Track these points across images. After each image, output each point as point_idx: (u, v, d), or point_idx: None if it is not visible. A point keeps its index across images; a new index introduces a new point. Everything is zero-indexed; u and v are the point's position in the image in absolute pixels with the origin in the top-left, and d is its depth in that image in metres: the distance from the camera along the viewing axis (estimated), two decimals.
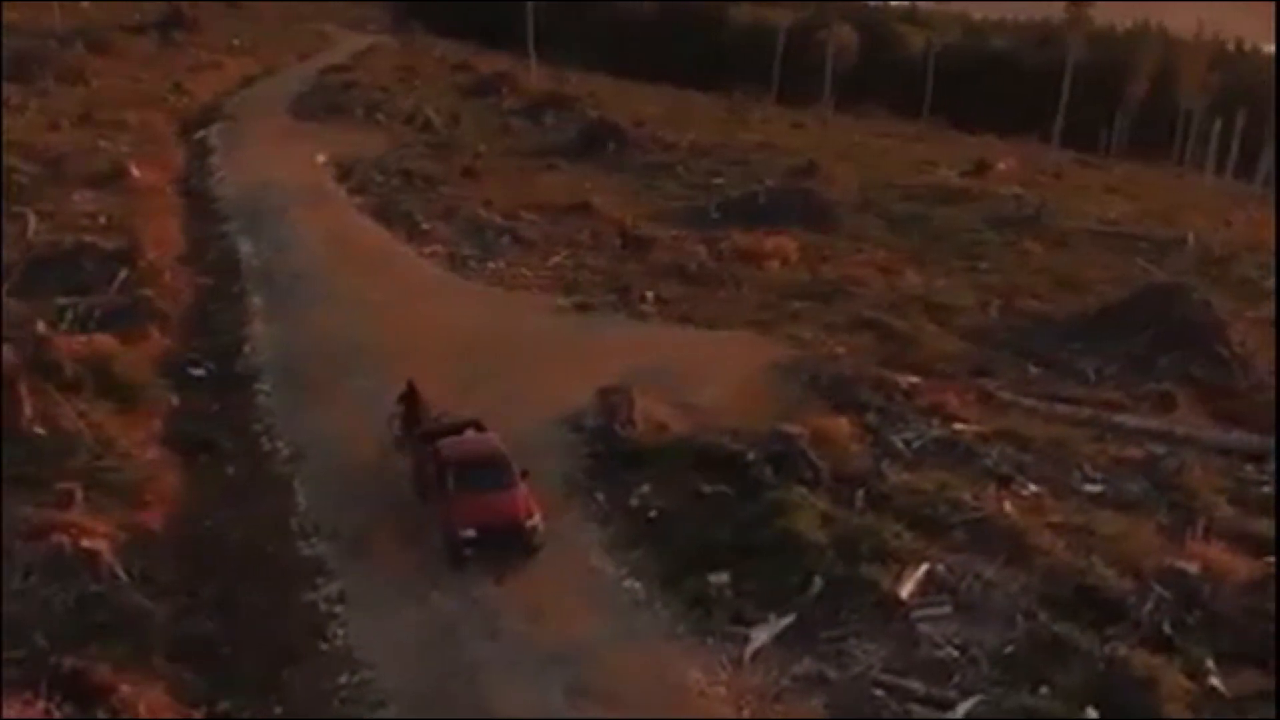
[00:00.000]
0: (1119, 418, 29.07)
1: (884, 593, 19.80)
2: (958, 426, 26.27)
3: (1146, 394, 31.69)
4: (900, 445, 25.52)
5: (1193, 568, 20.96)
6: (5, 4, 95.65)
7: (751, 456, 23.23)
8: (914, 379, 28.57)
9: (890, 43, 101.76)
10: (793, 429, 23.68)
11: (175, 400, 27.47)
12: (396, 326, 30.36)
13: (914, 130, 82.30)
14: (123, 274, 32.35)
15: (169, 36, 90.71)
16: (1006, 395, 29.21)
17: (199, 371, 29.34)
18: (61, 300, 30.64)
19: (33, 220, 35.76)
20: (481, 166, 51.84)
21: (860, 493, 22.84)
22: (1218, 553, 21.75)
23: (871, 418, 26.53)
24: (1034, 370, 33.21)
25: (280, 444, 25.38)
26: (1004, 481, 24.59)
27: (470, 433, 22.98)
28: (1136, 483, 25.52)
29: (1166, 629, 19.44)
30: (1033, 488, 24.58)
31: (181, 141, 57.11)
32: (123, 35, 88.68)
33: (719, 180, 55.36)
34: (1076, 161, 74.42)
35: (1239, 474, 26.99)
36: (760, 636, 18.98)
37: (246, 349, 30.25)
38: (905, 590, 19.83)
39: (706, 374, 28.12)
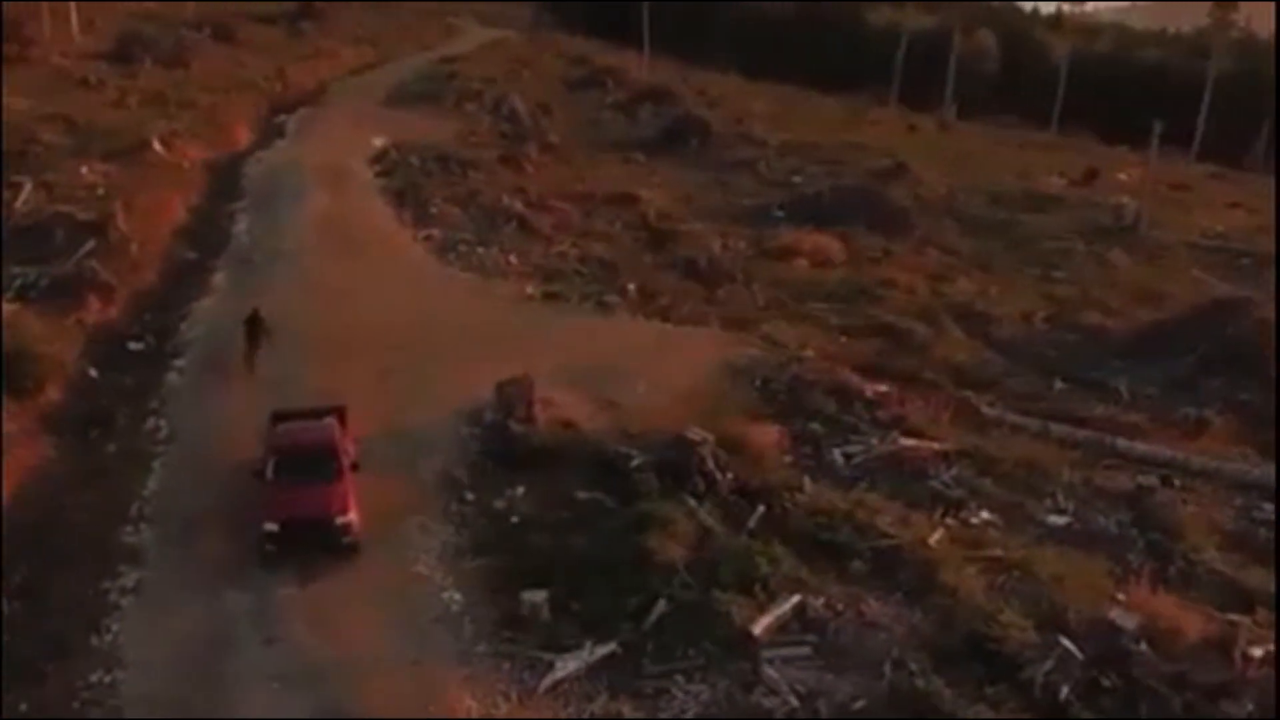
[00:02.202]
0: (1124, 443, 25.45)
1: (735, 626, 16.92)
2: (905, 442, 23.04)
3: (1181, 419, 28.22)
4: (839, 460, 22.52)
5: (1129, 622, 17.51)
6: None
7: (637, 462, 20.52)
8: (882, 388, 25.42)
9: (1032, 50, 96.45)
10: (696, 435, 20.88)
11: (94, 374, 26.01)
12: (344, 311, 28.74)
13: (1043, 139, 77.56)
14: (88, 245, 31.14)
15: (297, 27, 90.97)
16: (992, 411, 25.83)
17: (137, 345, 28.05)
18: (15, 269, 29.52)
19: (27, 189, 34.95)
20: (537, 156, 49.68)
21: (760, 510, 19.92)
22: (1169, 605, 18.32)
23: (817, 427, 23.59)
24: (1058, 386, 29.92)
25: (162, 423, 23.61)
26: (951, 507, 21.45)
27: (329, 420, 20.87)
28: (1114, 517, 22.08)
29: (1064, 694, 16.12)
30: (984, 515, 21.45)
31: (261, 124, 56.21)
32: (252, 25, 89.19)
33: (797, 179, 52.67)
34: (1212, 175, 69.02)
35: (1252, 514, 23.35)
36: (567, 666, 16.39)
37: (183, 326, 28.61)
38: (760, 625, 16.94)
39: (648, 372, 25.60)
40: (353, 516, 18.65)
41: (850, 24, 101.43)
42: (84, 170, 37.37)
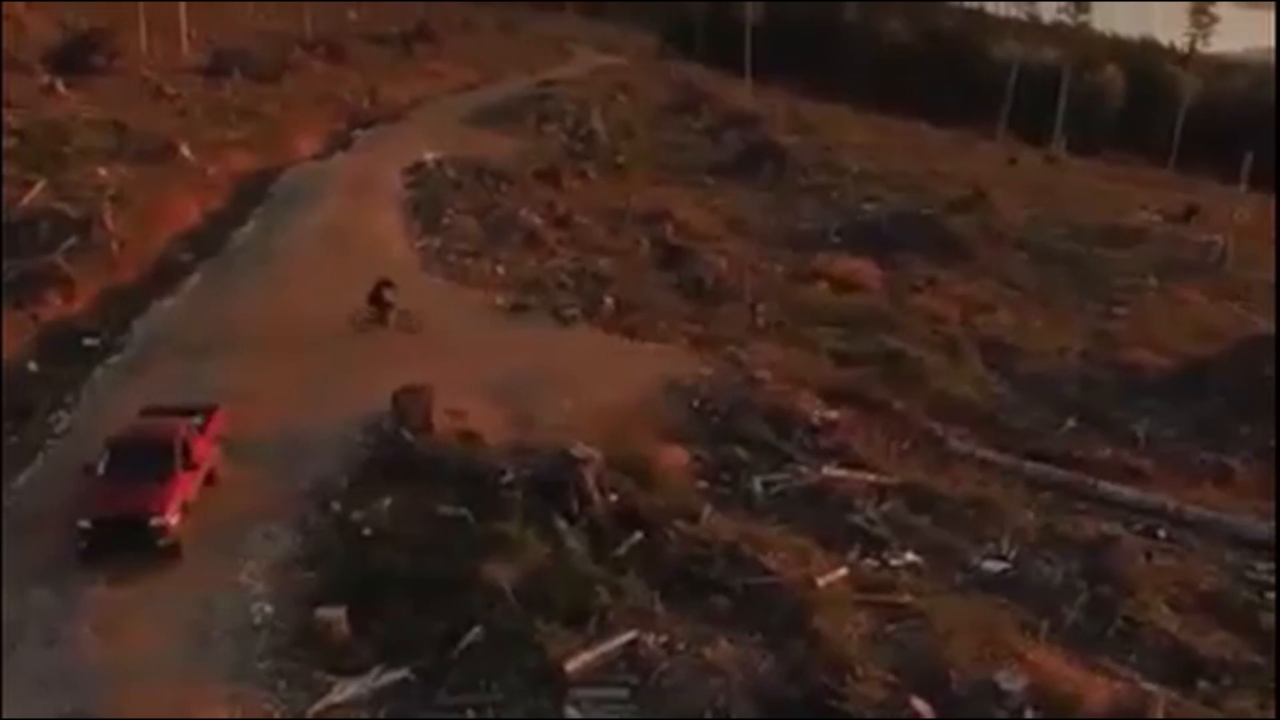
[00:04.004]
0: (1109, 487, 22.91)
1: (548, 660, 15.11)
2: (832, 472, 20.90)
3: (1197, 465, 25.51)
4: (757, 489, 20.52)
5: (1015, 685, 15.23)
6: (260, 11, 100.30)
7: (509, 479, 18.86)
8: (831, 415, 23.28)
9: (1159, 86, 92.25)
10: (581, 453, 19.10)
11: (33, 368, 25.42)
12: (300, 312, 27.86)
13: (1155, 176, 73.76)
14: (69, 241, 30.74)
15: (410, 48, 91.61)
16: (961, 445, 23.49)
17: (92, 341, 27.37)
18: None
19: (37, 188, 34.80)
20: (594, 175, 48.69)
21: (636, 537, 18.07)
22: (1074, 670, 16.00)
23: (741, 453, 21.59)
24: (1069, 425, 27.33)
25: (65, 416, 22.81)
26: (871, 545, 19.30)
27: (179, 421, 19.68)
28: (1062, 567, 19.57)
29: None
30: (908, 557, 19.23)
31: (332, 137, 56.20)
32: (365, 44, 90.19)
33: (868, 206, 50.38)
34: None
35: (1243, 573, 20.67)
36: (346, 690, 14.74)
37: (135, 324, 27.87)
38: (577, 661, 15.10)
39: (585, 387, 23.97)
40: (170, 518, 17.37)
41: (973, 56, 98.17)
42: (102, 172, 37.10)
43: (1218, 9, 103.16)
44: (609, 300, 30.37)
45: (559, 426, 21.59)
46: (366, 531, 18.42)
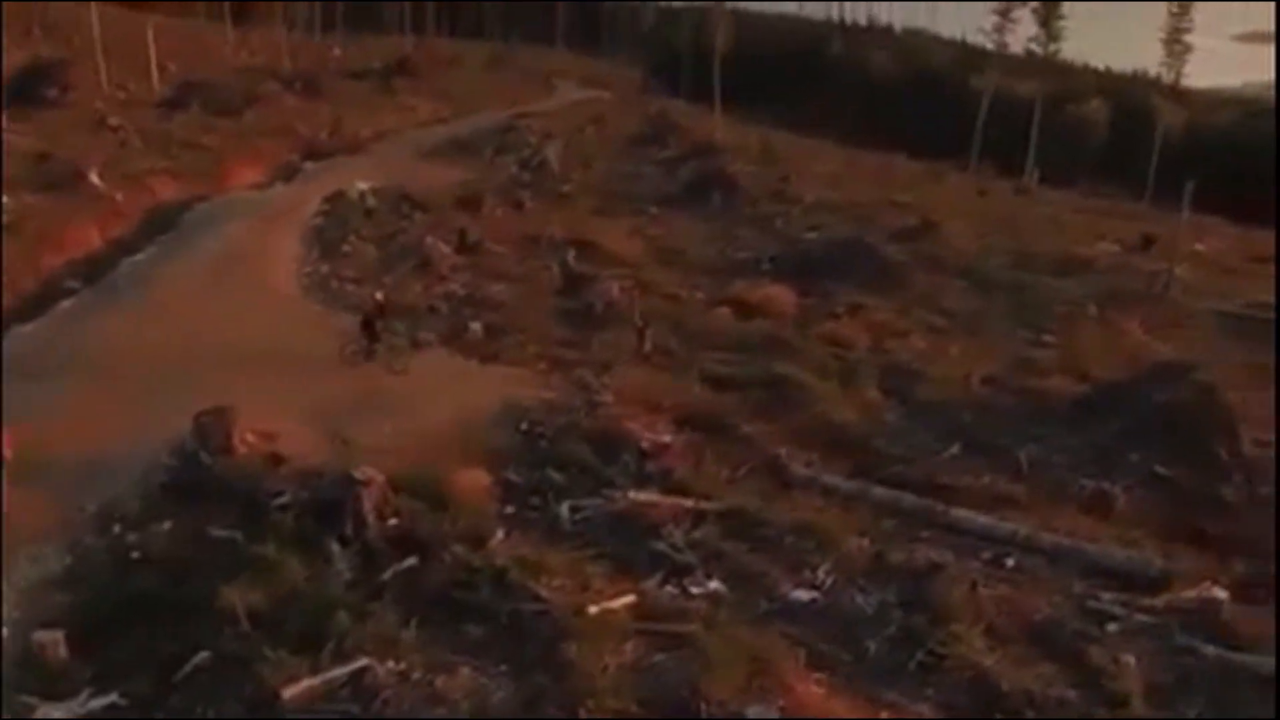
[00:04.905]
0: (961, 513, 21.91)
1: (267, 686, 14.22)
2: (641, 497, 19.97)
3: (1077, 492, 24.50)
4: (565, 514, 19.60)
5: (767, 715, 14.24)
6: (243, 47, 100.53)
7: (282, 501, 18.03)
8: (665, 439, 22.35)
9: (1144, 119, 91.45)
10: (364, 475, 18.25)
11: None
12: (155, 335, 27.24)
13: (1131, 209, 72.71)
14: None
15: (389, 83, 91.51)
16: (805, 471, 22.53)
17: None
18: None
19: None
20: (519, 206, 48.08)
21: (410, 561, 17.18)
22: (847, 704, 15.06)
23: (556, 476, 20.70)
24: (950, 452, 26.27)
25: None
26: (677, 573, 18.34)
27: None
28: (879, 596, 18.56)
29: None
30: (711, 585, 18.22)
31: (279, 169, 55.84)
32: (342, 79, 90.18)
33: (811, 234, 49.57)
34: None
35: (1086, 603, 19.59)
36: (51, 715, 13.89)
37: None
38: (296, 688, 14.22)
39: (415, 410, 23.27)
40: None
41: (958, 89, 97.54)
42: (4, 198, 36.60)
43: (1215, 44, 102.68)
44: (476, 325, 29.55)
45: (374, 449, 20.73)
46: (135, 555, 17.61)
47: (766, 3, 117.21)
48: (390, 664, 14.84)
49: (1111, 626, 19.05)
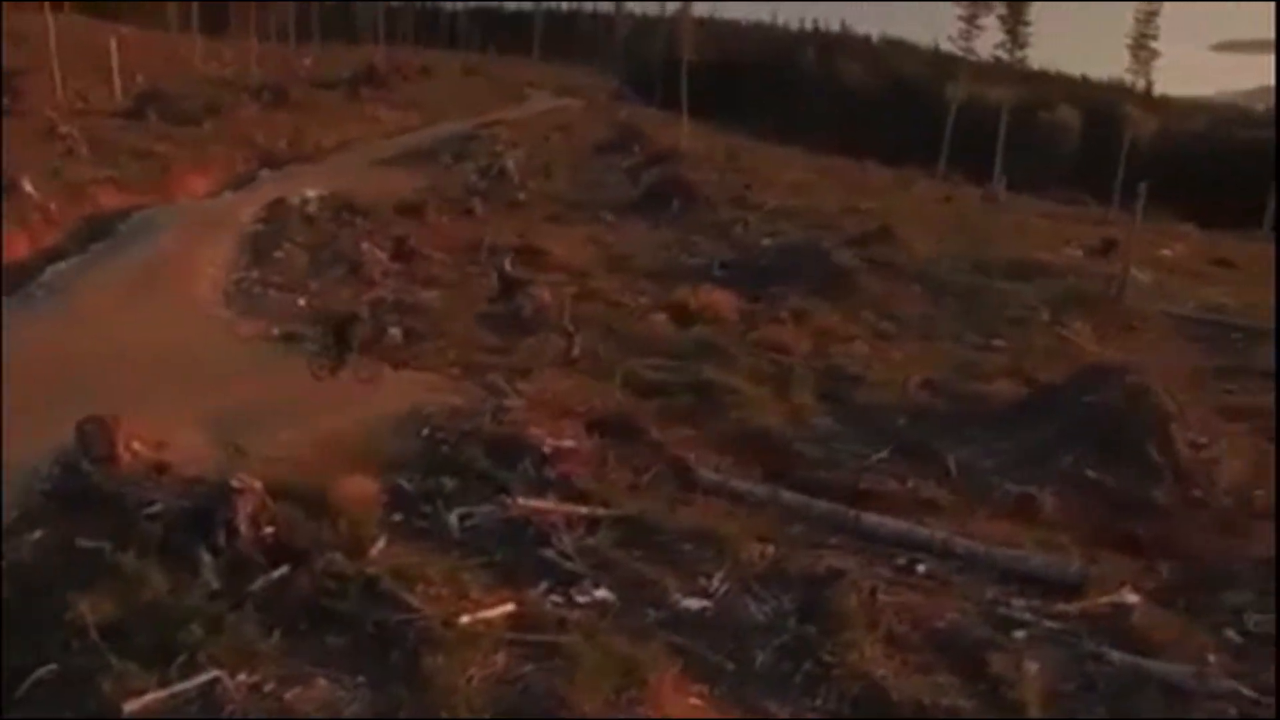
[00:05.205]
0: (873, 518, 21.29)
1: (106, 701, 13.58)
2: (531, 504, 19.34)
3: (1001, 496, 23.89)
4: (454, 521, 18.98)
5: None
6: (213, 57, 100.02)
7: (154, 510, 17.42)
8: (568, 444, 21.72)
9: (1117, 127, 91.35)
10: (241, 483, 17.59)
11: None
12: (67, 343, 26.76)
13: (1098, 214, 72.41)
14: None
15: (357, 93, 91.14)
16: (712, 476, 21.91)
17: None
18: None
19: None
20: (469, 213, 47.56)
21: (282, 571, 16.54)
22: (722, 713, 14.39)
23: (448, 483, 20.08)
24: (877, 456, 25.65)
25: None
26: (565, 581, 17.73)
27: None
28: (773, 604, 17.93)
29: None
30: (598, 594, 17.59)
31: (233, 179, 55.39)
32: (312, 90, 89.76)
33: (767, 241, 49.02)
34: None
35: (996, 609, 18.94)
36: None
37: None
38: (139, 702, 13.58)
39: (315, 416, 22.64)
40: None
41: (931, 97, 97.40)
42: None
43: (1192, 54, 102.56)
44: (395, 331, 28.94)
45: (266, 457, 20.10)
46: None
47: (750, 2, 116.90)
48: (243, 676, 14.16)
49: (1019, 633, 18.34)
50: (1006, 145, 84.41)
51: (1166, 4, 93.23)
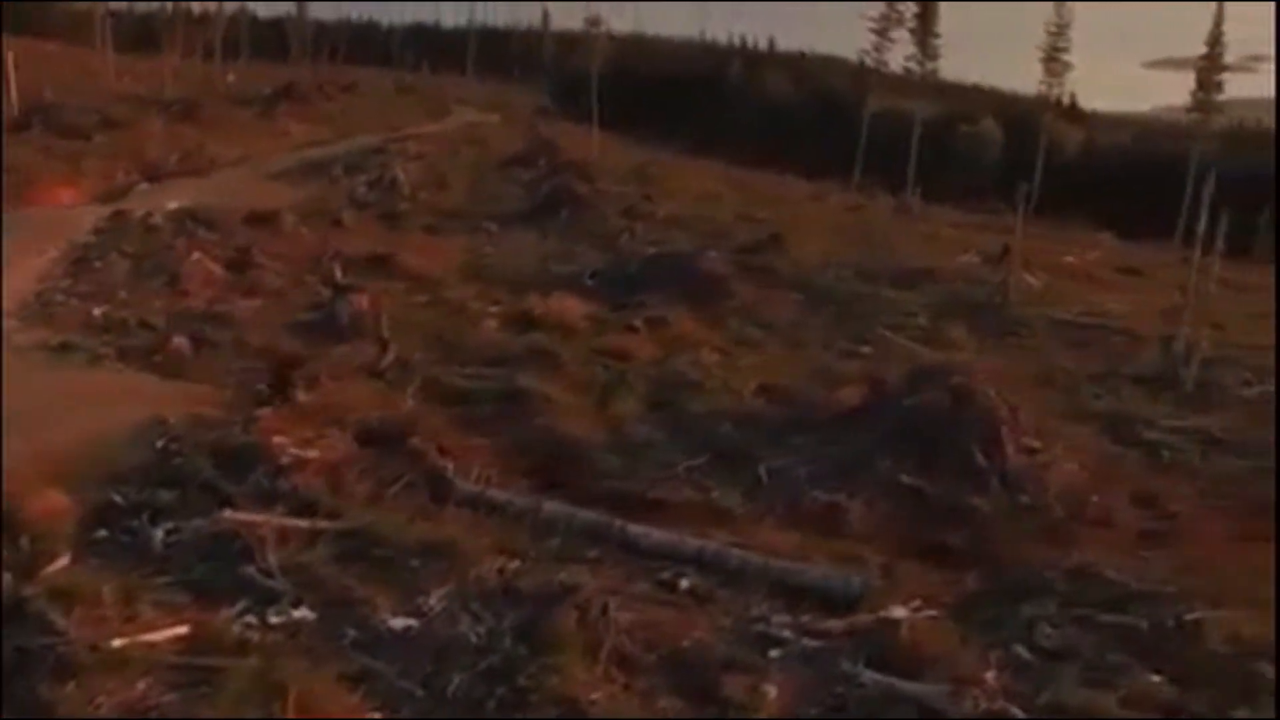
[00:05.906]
0: (638, 529, 19.81)
1: None
2: (235, 517, 17.76)
3: (809, 505, 22.50)
4: (157, 537, 17.39)
5: None
6: (128, 73, 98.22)
7: None
8: (311, 454, 20.15)
9: (1037, 139, 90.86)
10: None
11: None
12: None
13: (1009, 223, 71.38)
14: None
15: (272, 110, 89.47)
16: (469, 486, 20.37)
17: None
18: None
19: None
20: (337, 224, 46.06)
21: None
22: None
23: (165, 495, 18.50)
24: (685, 465, 24.17)
25: None
26: (264, 600, 16.14)
27: None
28: (491, 624, 16.32)
29: None
30: (297, 614, 16.00)
31: (109, 191, 53.69)
32: (225, 105, 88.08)
33: (652, 249, 47.62)
34: (1184, 260, 62.17)
35: (755, 626, 17.41)
36: None
37: None
38: None
39: (51, 426, 21.05)
40: None
41: (855, 111, 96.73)
42: None
43: (1126, 71, 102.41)
44: (180, 340, 27.32)
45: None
46: None
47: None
48: None
49: (774, 652, 16.86)
50: (929, 157, 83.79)
51: (1104, 21, 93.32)
